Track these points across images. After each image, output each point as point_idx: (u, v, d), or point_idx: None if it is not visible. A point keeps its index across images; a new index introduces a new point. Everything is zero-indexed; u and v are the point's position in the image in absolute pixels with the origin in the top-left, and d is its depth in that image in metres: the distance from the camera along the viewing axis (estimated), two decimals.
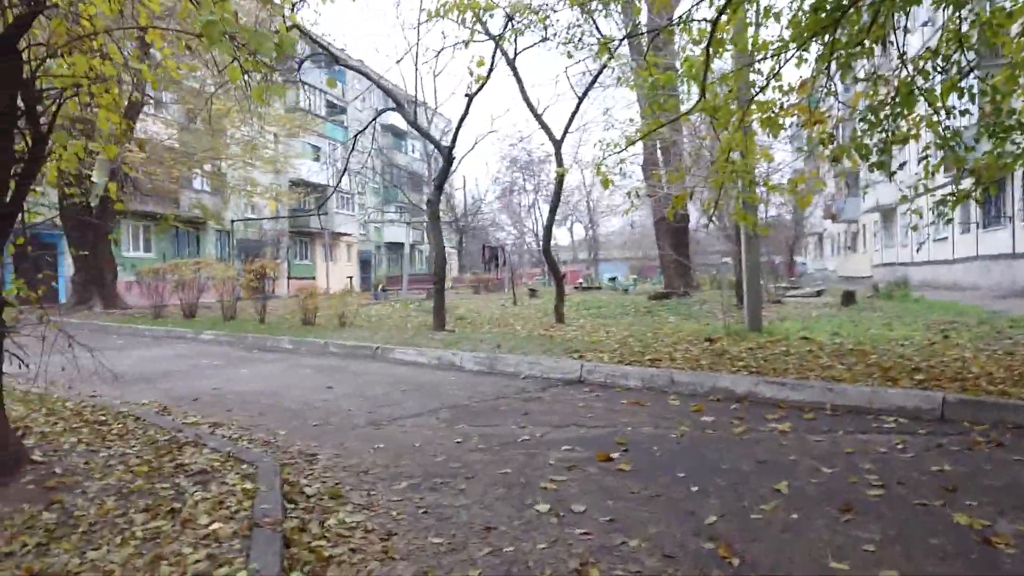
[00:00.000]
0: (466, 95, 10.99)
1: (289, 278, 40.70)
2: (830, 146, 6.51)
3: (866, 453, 4.45)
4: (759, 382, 6.27)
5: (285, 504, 3.77)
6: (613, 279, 40.58)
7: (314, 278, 42.87)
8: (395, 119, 55.80)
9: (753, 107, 6.37)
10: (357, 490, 4.15)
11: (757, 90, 6.33)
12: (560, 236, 72.81)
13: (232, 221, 31.38)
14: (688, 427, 5.33)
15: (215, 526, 3.35)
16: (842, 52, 5.55)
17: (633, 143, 8.17)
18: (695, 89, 6.18)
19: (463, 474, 4.39)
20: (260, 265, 13.72)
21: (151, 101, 20.04)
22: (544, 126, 12.25)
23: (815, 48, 5.94)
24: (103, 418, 5.48)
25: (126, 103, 18.65)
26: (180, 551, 2.99)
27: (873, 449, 4.54)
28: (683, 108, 7.58)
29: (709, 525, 3.36)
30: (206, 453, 4.48)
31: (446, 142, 12.47)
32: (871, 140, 6.32)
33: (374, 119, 12.42)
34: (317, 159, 44.30)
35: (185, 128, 23.22)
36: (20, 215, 4.44)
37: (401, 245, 53.78)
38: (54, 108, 4.33)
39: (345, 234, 47.98)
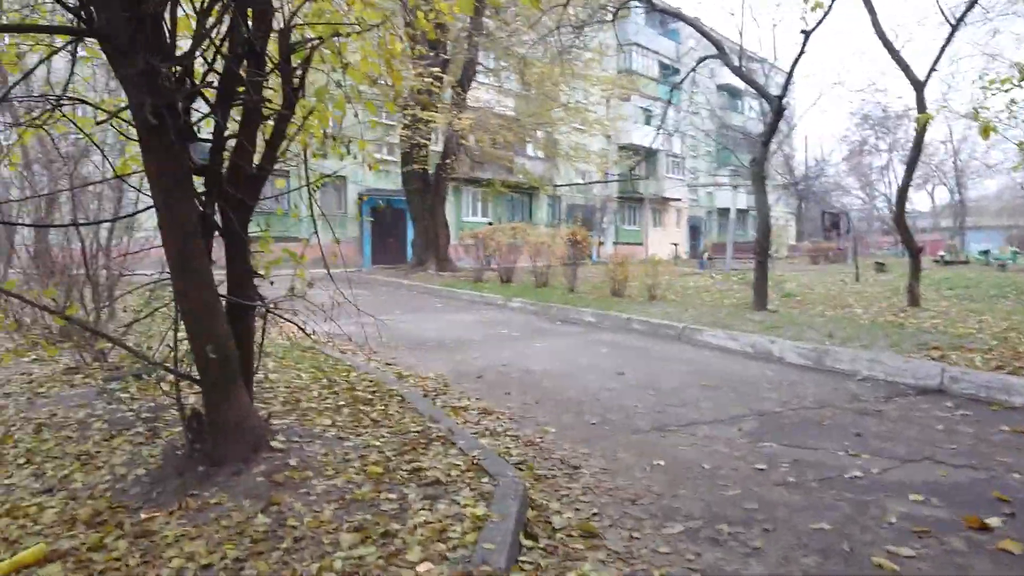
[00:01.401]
0: (802, 31, 9.20)
1: (616, 243, 40.83)
2: None
3: None
4: None
5: (521, 541, 2.98)
6: (985, 252, 34.02)
7: (640, 244, 42.58)
8: (730, 77, 52.95)
9: None
10: (617, 528, 3.23)
11: None
12: (918, 201, 63.68)
13: (555, 186, 31.89)
14: None
15: (423, 568, 2.64)
16: None
17: None
18: None
19: (760, 523, 3.23)
20: (571, 232, 13.29)
21: (481, 68, 20.69)
22: (902, 64, 9.91)
23: None
24: (370, 397, 5.18)
25: (456, 69, 19.45)
26: None
27: None
28: None
29: None
30: (451, 455, 3.85)
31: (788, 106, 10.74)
32: None
33: (694, 68, 11.13)
34: (648, 122, 43.55)
35: (517, 94, 23.82)
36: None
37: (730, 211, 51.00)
38: (305, 57, 3.88)
39: (674, 199, 46.80)
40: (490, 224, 23.17)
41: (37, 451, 4.12)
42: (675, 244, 42.82)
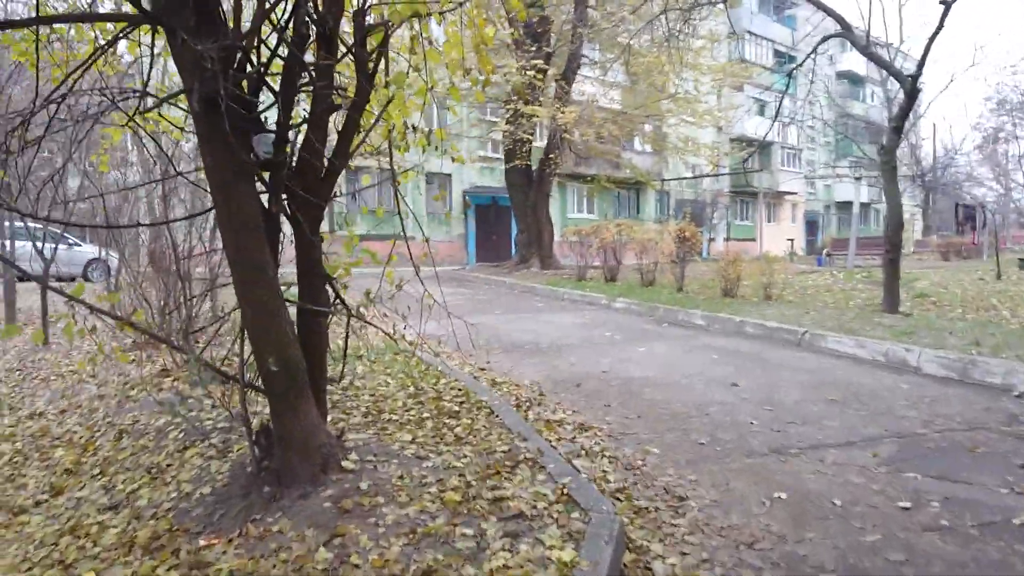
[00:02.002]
0: (941, 2, 8.21)
1: (727, 239, 39.33)
2: None
3: None
4: None
5: None
6: None
7: (754, 240, 40.87)
8: (851, 63, 50.09)
9: None
10: None
11: None
12: None
13: (662, 180, 30.80)
14: None
15: None
16: None
17: None
18: None
19: None
20: (679, 228, 12.59)
21: (585, 60, 20.13)
22: None
23: None
24: (457, 408, 4.82)
25: (563, 64, 18.99)
26: None
27: None
28: None
29: None
30: (538, 482, 3.43)
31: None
32: None
33: (815, 48, 10.22)
34: (762, 113, 41.68)
35: (623, 86, 23.13)
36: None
37: (852, 204, 48.16)
38: (381, 40, 3.55)
39: (789, 193, 44.64)
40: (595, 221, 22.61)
41: (113, 460, 3.99)
42: (791, 240, 40.79)
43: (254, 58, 3.20)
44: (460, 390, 5.37)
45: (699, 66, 18.67)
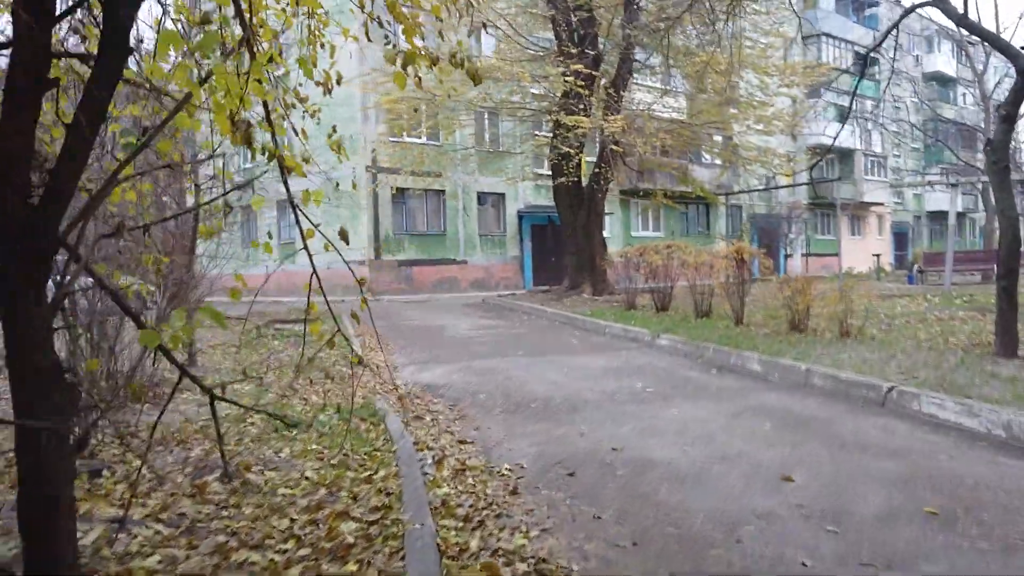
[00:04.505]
0: None
1: (806, 255, 36.65)
2: None
3: None
4: None
5: None
6: None
7: (835, 255, 37.90)
8: (939, 64, 46.65)
9: None
10: None
11: None
12: None
13: (726, 194, 28.40)
14: None
15: None
16: None
17: None
18: None
19: None
20: (735, 248, 10.72)
21: (638, 64, 18.42)
22: None
23: None
24: (352, 542, 3.23)
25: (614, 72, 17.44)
26: None
27: None
28: None
29: None
30: None
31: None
32: None
33: (896, 23, 8.30)
34: (841, 119, 38.83)
35: (682, 93, 21.30)
36: None
37: (945, 215, 44.38)
38: None
39: (875, 203, 41.45)
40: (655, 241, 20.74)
41: None
42: (877, 255, 37.74)
43: None
44: (391, 494, 3.82)
45: (765, 67, 16.70)
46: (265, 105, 2.68)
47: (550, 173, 19.29)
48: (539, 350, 9.90)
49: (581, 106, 15.14)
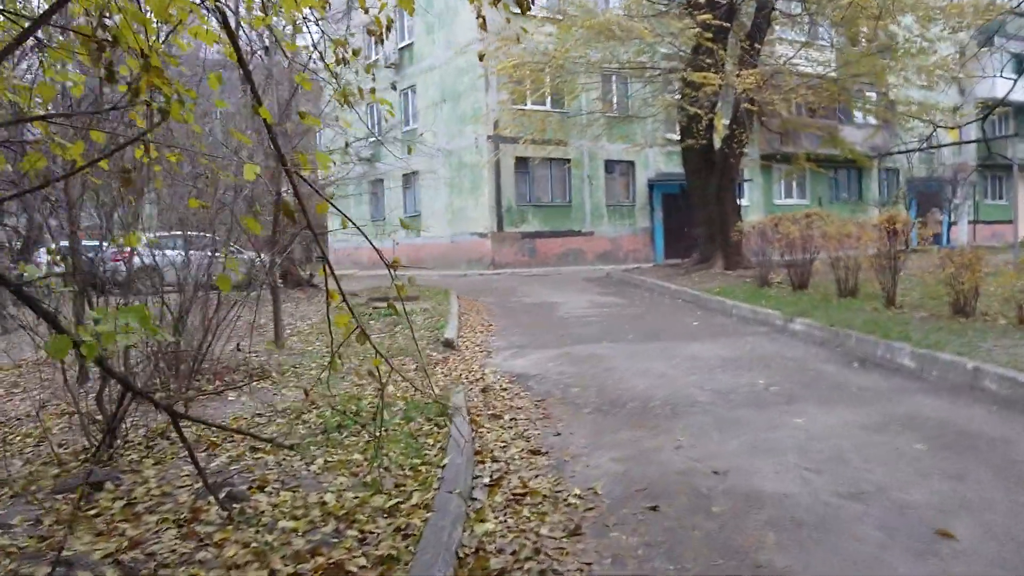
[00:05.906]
0: None
1: (973, 222, 32.98)
2: None
3: None
4: None
5: None
6: None
7: (1010, 222, 33.85)
8: None
9: None
10: None
11: None
12: None
13: (878, 155, 25.37)
14: None
15: None
16: None
17: None
18: None
19: None
20: (887, 217, 9.17)
21: (778, 13, 16.64)
22: None
23: None
24: None
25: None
26: None
27: None
28: None
29: None
30: None
31: None
32: None
33: None
34: (1019, 70, 34.39)
35: (828, 46, 19.23)
36: None
37: None
38: None
39: None
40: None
41: None
42: None
43: None
44: (407, 536, 3.08)
45: (925, 6, 14.51)
46: None
47: (679, 138, 17.91)
48: (652, 334, 8.90)
49: (709, 62, 13.70)
